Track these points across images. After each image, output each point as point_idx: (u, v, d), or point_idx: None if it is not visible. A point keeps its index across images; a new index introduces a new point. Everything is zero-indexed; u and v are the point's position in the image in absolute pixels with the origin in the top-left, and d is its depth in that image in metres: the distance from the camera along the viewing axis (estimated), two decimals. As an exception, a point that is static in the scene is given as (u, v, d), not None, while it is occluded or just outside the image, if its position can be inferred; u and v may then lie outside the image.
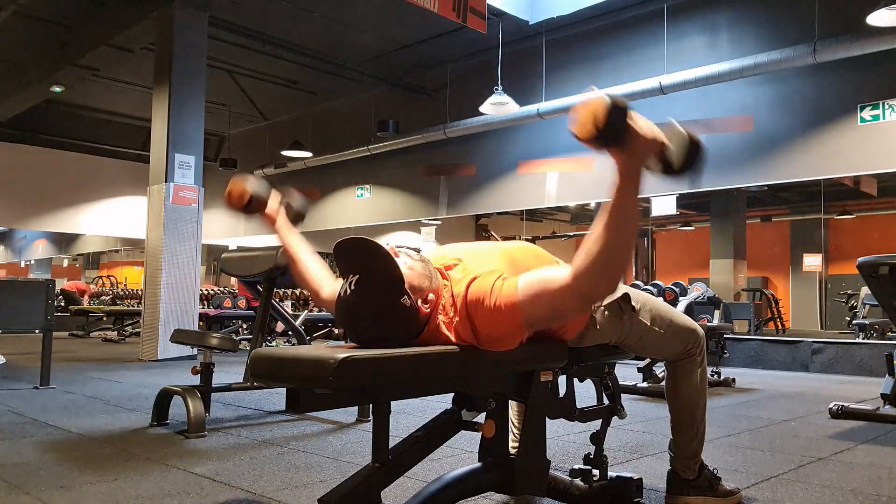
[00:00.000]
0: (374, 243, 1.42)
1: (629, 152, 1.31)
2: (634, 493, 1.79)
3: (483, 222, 14.52)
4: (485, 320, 1.42)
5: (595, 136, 1.28)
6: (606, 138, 1.28)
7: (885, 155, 5.88)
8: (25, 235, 18.51)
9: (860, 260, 3.36)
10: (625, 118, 1.28)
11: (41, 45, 8.56)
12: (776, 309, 11.16)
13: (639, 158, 1.32)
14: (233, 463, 2.38)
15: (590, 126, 1.28)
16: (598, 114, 1.27)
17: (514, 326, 1.42)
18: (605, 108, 1.26)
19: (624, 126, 1.28)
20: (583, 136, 1.30)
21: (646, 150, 1.32)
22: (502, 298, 1.40)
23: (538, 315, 1.42)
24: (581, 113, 1.29)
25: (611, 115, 1.26)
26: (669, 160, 1.36)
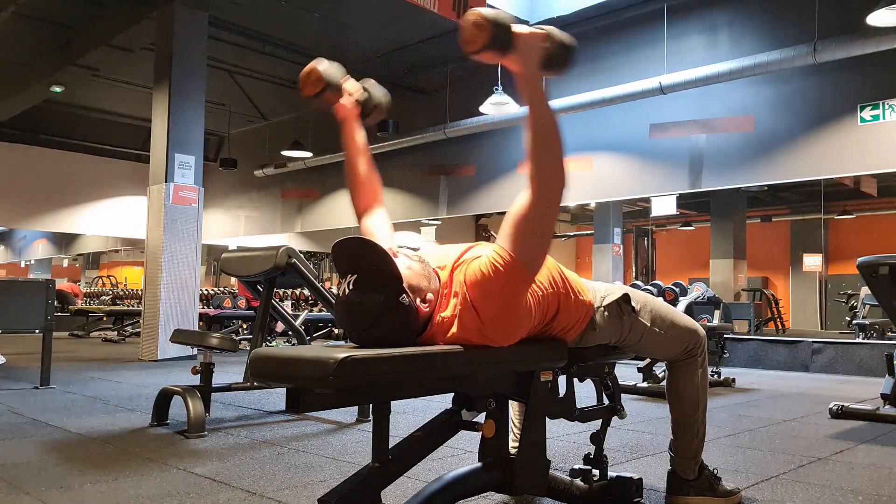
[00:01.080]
0: (372, 243, 1.42)
1: (519, 53, 1.41)
2: (634, 493, 1.79)
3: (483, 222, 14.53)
4: (490, 297, 1.42)
5: (484, 44, 1.39)
6: (494, 44, 1.39)
7: (885, 155, 5.88)
8: (25, 235, 18.51)
9: (860, 260, 3.36)
10: (508, 25, 1.40)
11: (41, 45, 8.56)
12: (776, 309, 11.16)
13: (529, 56, 1.42)
14: (233, 463, 2.38)
15: (477, 37, 1.39)
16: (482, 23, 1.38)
17: (519, 279, 1.43)
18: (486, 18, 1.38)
19: (508, 31, 1.40)
20: (473, 48, 1.40)
21: (532, 48, 1.42)
22: (495, 261, 1.42)
23: (529, 247, 1.43)
24: (466, 27, 1.40)
25: (494, 23, 1.38)
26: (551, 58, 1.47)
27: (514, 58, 1.42)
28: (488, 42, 1.39)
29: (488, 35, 1.38)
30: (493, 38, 1.38)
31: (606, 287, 1.78)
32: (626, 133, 7.56)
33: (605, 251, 11.27)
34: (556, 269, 1.67)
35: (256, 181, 12.00)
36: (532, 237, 1.44)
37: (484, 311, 1.43)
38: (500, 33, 1.39)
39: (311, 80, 1.78)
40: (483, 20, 1.38)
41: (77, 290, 13.55)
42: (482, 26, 1.38)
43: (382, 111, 1.89)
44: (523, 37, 1.42)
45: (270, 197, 12.20)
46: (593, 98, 7.21)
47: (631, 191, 7.79)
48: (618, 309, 1.72)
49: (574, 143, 8.05)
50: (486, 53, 1.40)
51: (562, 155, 1.42)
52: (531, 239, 1.43)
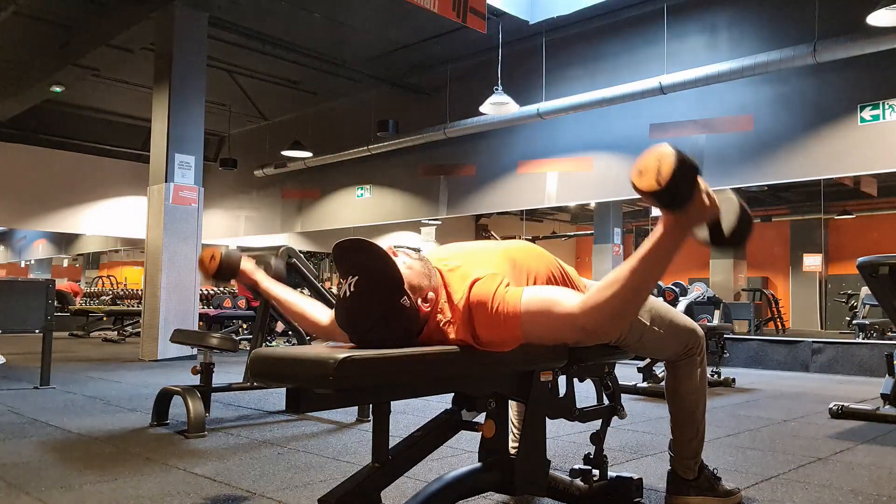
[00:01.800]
0: (372, 244, 1.42)
1: (684, 215, 1.25)
2: (634, 493, 1.79)
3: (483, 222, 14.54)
4: (485, 324, 1.42)
5: (657, 191, 1.20)
6: (668, 196, 1.20)
7: (885, 155, 5.88)
8: (25, 235, 18.51)
9: (860, 260, 3.36)
10: (693, 179, 1.20)
11: (41, 45, 8.56)
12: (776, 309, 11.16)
13: (690, 223, 1.27)
14: (233, 463, 2.38)
15: (652, 179, 1.19)
16: (665, 168, 1.19)
17: (512, 337, 1.43)
18: (672, 164, 1.18)
19: (689, 188, 1.20)
20: (642, 188, 1.22)
21: (699, 218, 1.27)
22: (505, 307, 1.41)
23: (536, 333, 1.43)
24: (646, 162, 1.21)
25: (677, 174, 1.18)
26: (718, 230, 1.30)
27: (677, 213, 1.25)
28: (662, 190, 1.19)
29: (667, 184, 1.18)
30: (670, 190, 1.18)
31: (607, 287, 1.78)
32: (626, 133, 7.56)
33: (605, 251, 11.27)
34: (556, 265, 1.67)
35: (256, 181, 12.00)
36: (548, 332, 1.43)
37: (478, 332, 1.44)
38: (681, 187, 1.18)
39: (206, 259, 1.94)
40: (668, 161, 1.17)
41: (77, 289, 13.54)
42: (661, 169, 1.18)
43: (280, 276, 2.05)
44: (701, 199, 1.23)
45: (270, 197, 12.20)
46: (593, 98, 7.21)
47: (631, 191, 7.74)
48: (617, 309, 1.72)
49: (574, 143, 8.06)
50: (652, 198, 1.22)
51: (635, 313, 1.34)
52: (547, 331, 1.43)
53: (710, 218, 1.29)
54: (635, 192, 1.24)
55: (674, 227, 1.27)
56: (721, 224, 1.31)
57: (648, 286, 1.31)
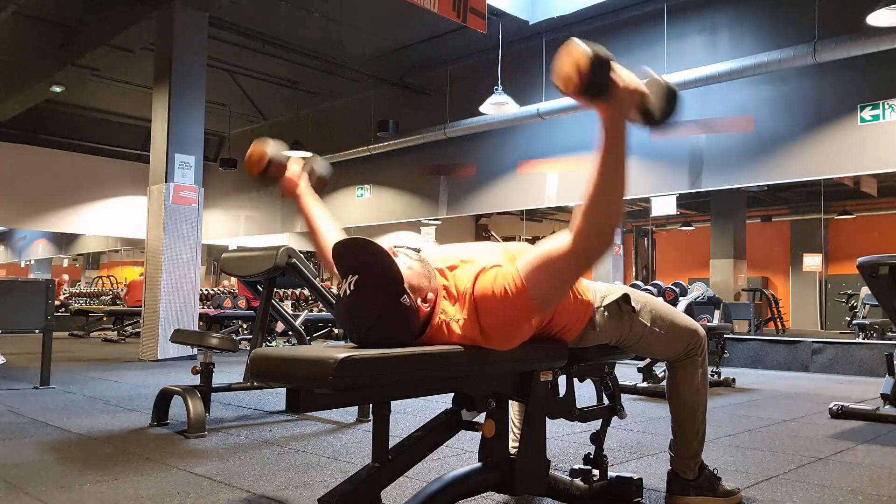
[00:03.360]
0: (372, 243, 1.42)
1: (613, 104, 1.29)
2: (634, 493, 1.79)
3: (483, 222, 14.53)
4: (494, 312, 1.42)
5: (578, 87, 1.25)
6: (590, 90, 1.26)
7: (885, 155, 5.88)
8: (25, 235, 18.51)
9: (860, 260, 3.36)
10: (608, 69, 1.26)
11: (41, 45, 8.56)
12: (776, 309, 11.16)
13: (623, 110, 1.31)
14: (233, 463, 2.38)
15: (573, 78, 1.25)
16: (581, 65, 1.24)
17: (525, 309, 1.42)
18: (587, 59, 1.23)
19: (607, 78, 1.26)
20: (566, 89, 1.27)
21: (629, 101, 1.31)
22: (507, 283, 1.40)
23: (545, 289, 1.41)
24: (563, 64, 1.27)
25: (594, 67, 1.24)
26: (650, 110, 1.34)
27: (605, 103, 1.30)
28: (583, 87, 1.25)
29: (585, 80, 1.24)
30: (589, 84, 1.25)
31: (606, 287, 1.78)
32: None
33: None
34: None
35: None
36: (554, 282, 1.42)
37: (485, 322, 1.43)
38: (598, 79, 1.24)
39: (255, 158, 1.84)
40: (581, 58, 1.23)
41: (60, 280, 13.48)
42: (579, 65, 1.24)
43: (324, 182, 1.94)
44: (622, 84, 1.28)
45: (270, 197, 12.20)
46: (593, 98, 7.20)
47: (631, 191, 7.73)
48: (618, 309, 1.72)
49: (574, 143, 8.05)
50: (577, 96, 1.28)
51: (618, 217, 1.35)
52: (552, 282, 1.42)
53: (638, 100, 1.32)
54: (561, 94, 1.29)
55: (608, 118, 1.30)
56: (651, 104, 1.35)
57: (617, 184, 1.32)
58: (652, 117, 1.35)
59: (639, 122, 1.36)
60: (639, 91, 1.31)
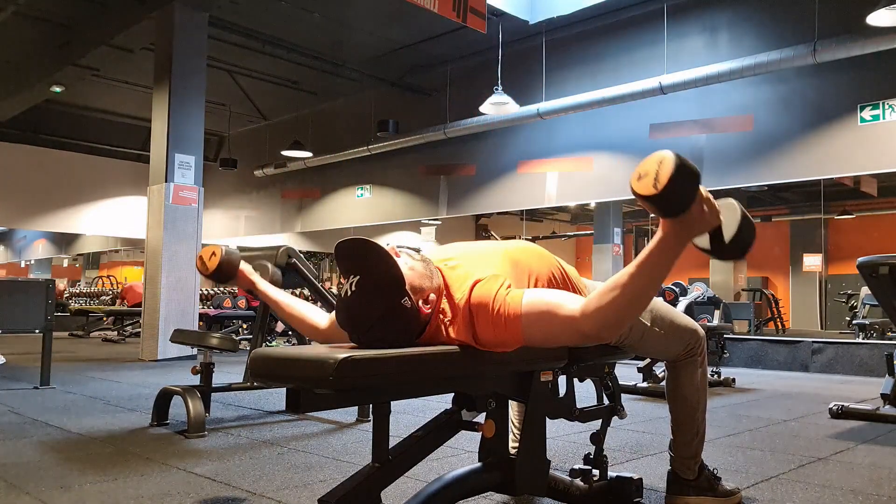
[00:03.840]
0: (374, 244, 1.42)
1: (683, 223, 1.23)
2: (634, 493, 1.79)
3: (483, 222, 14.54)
4: (485, 325, 1.43)
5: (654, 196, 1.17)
6: (665, 202, 1.18)
7: (885, 155, 5.88)
8: (25, 235, 18.51)
9: (860, 260, 3.36)
10: (693, 186, 1.18)
11: (41, 45, 8.56)
12: (776, 309, 11.16)
13: (689, 231, 1.25)
14: (233, 463, 2.38)
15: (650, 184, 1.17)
16: (663, 173, 1.16)
17: (512, 339, 1.43)
18: (671, 169, 1.15)
19: (688, 195, 1.18)
20: (640, 192, 1.19)
21: (699, 226, 1.25)
22: (506, 309, 1.41)
23: (536, 336, 1.43)
24: (646, 166, 1.19)
25: (675, 179, 1.15)
26: (719, 238, 1.27)
27: (674, 224, 1.23)
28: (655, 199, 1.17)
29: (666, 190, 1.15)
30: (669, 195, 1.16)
31: (607, 287, 1.78)
32: (626, 133, 7.56)
33: (605, 251, 11.27)
34: (557, 266, 1.67)
35: (256, 181, 12.00)
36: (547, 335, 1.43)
37: (479, 332, 1.44)
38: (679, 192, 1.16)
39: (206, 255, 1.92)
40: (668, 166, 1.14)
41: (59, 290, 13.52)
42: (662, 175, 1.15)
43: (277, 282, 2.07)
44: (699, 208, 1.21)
45: (270, 197, 12.20)
46: (593, 98, 7.21)
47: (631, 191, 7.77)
48: (618, 309, 1.72)
49: (574, 143, 8.05)
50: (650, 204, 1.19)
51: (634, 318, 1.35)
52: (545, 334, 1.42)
53: (710, 226, 1.26)
54: (634, 196, 1.22)
55: (672, 234, 1.25)
56: (722, 233, 1.28)
57: (649, 292, 1.31)
58: (720, 245, 1.28)
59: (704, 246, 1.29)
60: (715, 220, 1.24)
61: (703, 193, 1.23)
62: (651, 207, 1.20)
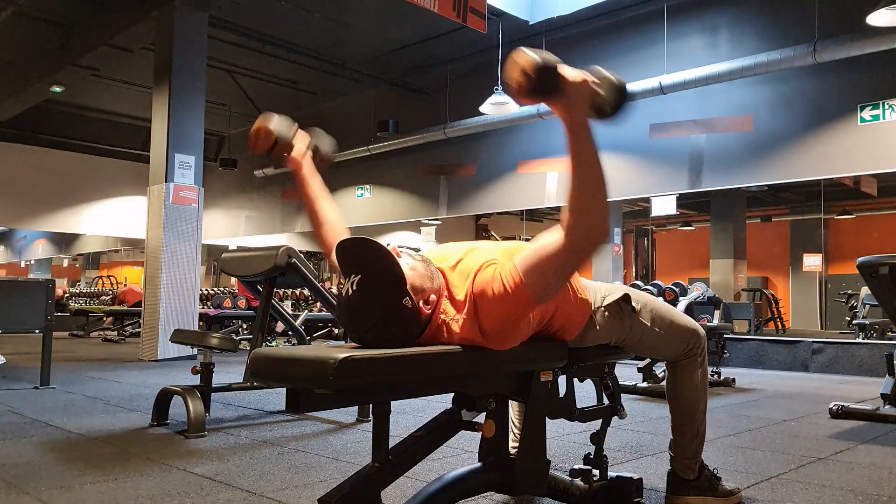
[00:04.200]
0: (375, 244, 1.42)
1: (566, 101, 1.35)
2: (634, 493, 1.79)
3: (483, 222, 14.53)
4: (493, 310, 1.42)
5: (528, 89, 1.33)
6: (540, 89, 1.33)
7: (885, 155, 5.88)
8: (25, 235, 18.51)
9: (860, 260, 3.36)
10: (555, 69, 1.34)
11: (41, 45, 8.56)
12: (776, 309, 11.16)
13: (577, 105, 1.36)
14: (233, 463, 2.38)
15: (523, 81, 1.32)
16: (528, 67, 1.32)
17: (524, 303, 1.42)
18: (533, 62, 1.31)
19: (555, 77, 1.33)
20: (517, 93, 1.34)
21: (581, 97, 1.36)
22: (506, 278, 1.41)
23: (544, 283, 1.41)
24: (512, 73, 1.34)
25: (541, 67, 1.32)
26: (602, 104, 1.41)
27: (560, 103, 1.36)
28: (533, 87, 1.32)
29: (534, 80, 1.32)
30: (538, 83, 1.32)
31: (606, 287, 1.78)
32: (626, 133, 7.54)
33: (605, 251, 11.25)
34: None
35: (256, 181, 12.00)
36: (551, 277, 1.43)
37: (485, 320, 1.43)
38: (546, 78, 1.33)
39: (261, 136, 1.76)
40: (529, 65, 1.31)
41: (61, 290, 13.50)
42: (527, 70, 1.31)
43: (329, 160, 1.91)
44: (571, 82, 1.34)
45: (270, 197, 12.20)
46: (593, 98, 7.20)
47: (631, 191, 7.79)
48: (618, 309, 1.72)
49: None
50: (529, 98, 1.35)
51: (605, 209, 1.37)
52: (549, 278, 1.42)
53: (589, 95, 1.38)
54: (516, 101, 1.38)
55: (567, 114, 1.35)
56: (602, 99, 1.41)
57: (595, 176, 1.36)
58: (604, 111, 1.42)
59: (593, 116, 1.42)
60: (587, 85, 1.37)
61: (567, 70, 1.36)
62: (536, 99, 1.36)
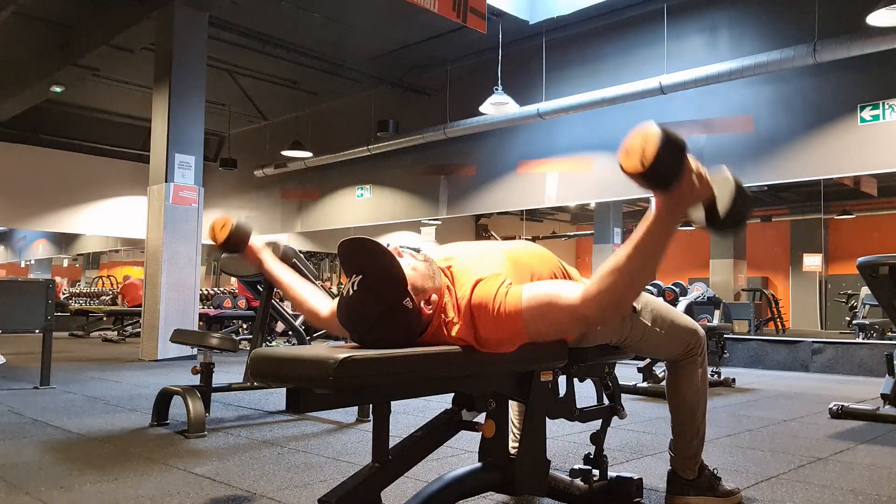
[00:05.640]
0: (376, 243, 1.42)
1: (674, 196, 1.22)
2: (634, 493, 1.79)
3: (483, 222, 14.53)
4: (487, 325, 1.43)
5: (642, 171, 1.17)
6: (654, 176, 1.17)
7: (885, 155, 5.88)
8: (25, 235, 18.51)
9: (860, 260, 3.36)
10: (680, 158, 1.17)
11: (41, 45, 8.56)
12: (776, 309, 11.15)
13: (682, 204, 1.24)
14: (233, 463, 2.38)
15: (637, 160, 1.17)
16: (649, 147, 1.15)
17: (515, 335, 1.44)
18: (657, 142, 1.15)
19: (676, 167, 1.17)
20: (628, 169, 1.19)
21: (691, 198, 1.23)
22: (506, 306, 1.41)
23: (539, 328, 1.43)
24: (632, 142, 1.19)
25: (662, 153, 1.15)
26: (714, 211, 1.25)
27: (664, 198, 1.23)
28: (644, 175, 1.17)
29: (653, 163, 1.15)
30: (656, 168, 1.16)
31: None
32: (626, 133, 7.50)
33: (605, 251, 11.26)
34: (558, 266, 1.67)
35: (256, 181, 12.00)
36: (550, 327, 1.44)
37: (481, 331, 1.44)
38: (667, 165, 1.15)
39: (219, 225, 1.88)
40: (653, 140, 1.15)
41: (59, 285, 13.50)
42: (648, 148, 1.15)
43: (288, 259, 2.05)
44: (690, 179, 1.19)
45: (270, 197, 12.20)
46: (593, 98, 7.21)
47: (631, 191, 7.78)
48: (618, 309, 1.72)
49: (574, 143, 8.05)
50: (640, 179, 1.19)
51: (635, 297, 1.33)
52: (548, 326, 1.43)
53: (703, 198, 1.24)
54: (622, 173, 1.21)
55: (664, 208, 1.24)
56: (717, 205, 1.26)
57: (647, 271, 1.30)
58: (716, 218, 1.26)
59: (698, 221, 1.27)
60: (706, 190, 1.22)
61: (691, 164, 1.21)
62: (641, 183, 1.19)
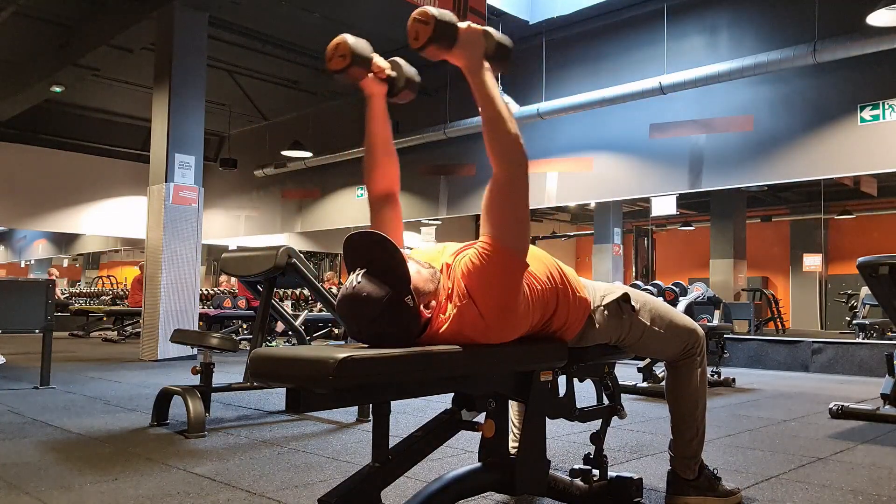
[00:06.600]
0: (385, 239, 1.43)
1: (462, 46, 1.47)
2: (634, 493, 1.79)
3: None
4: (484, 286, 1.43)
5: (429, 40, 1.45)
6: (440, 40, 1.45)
7: (885, 155, 5.88)
8: (25, 235, 18.52)
9: (860, 260, 3.36)
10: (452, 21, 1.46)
11: (41, 45, 8.56)
12: (776, 309, 11.15)
13: (473, 50, 1.49)
14: (233, 463, 2.38)
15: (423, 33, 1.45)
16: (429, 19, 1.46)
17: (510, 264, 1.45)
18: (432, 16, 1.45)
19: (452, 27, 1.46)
20: (419, 44, 1.48)
21: (474, 42, 1.49)
22: (479, 250, 1.46)
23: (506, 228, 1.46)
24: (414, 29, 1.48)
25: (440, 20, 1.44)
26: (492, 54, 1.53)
27: (457, 52, 1.48)
28: (432, 37, 1.44)
29: (432, 30, 1.44)
30: (436, 34, 1.44)
31: (606, 286, 1.78)
32: (626, 133, 7.56)
33: (605, 251, 11.27)
34: (553, 265, 1.67)
35: (256, 181, 12.00)
36: (507, 217, 1.48)
37: (483, 304, 1.43)
38: (443, 28, 1.44)
39: (339, 53, 1.71)
40: (427, 16, 1.45)
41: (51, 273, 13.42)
42: (426, 22, 1.44)
43: (412, 91, 1.89)
44: (465, 31, 1.47)
45: (270, 197, 12.20)
46: (593, 98, 7.21)
47: (631, 191, 7.79)
48: (617, 308, 1.72)
49: (574, 143, 8.05)
50: (430, 48, 1.47)
51: (516, 136, 1.46)
52: (507, 219, 1.47)
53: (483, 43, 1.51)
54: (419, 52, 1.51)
55: (466, 60, 1.49)
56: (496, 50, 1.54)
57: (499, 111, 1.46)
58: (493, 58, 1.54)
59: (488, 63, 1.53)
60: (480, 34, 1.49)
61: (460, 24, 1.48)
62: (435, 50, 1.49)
